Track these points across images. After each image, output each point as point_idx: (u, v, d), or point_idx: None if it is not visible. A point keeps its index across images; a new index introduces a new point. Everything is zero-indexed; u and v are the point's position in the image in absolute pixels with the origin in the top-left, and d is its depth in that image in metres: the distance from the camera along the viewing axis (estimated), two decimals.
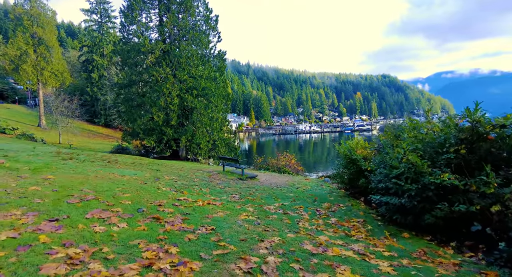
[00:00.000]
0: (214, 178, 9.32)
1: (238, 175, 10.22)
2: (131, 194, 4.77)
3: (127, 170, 8.01)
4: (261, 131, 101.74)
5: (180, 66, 19.77)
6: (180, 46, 19.91)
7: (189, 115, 20.39)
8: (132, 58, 19.88)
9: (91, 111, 49.48)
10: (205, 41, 20.69)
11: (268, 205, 5.81)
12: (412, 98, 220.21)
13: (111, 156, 12.03)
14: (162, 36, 20.11)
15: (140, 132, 19.38)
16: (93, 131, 46.34)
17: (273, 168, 13.04)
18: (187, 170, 10.49)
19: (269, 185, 9.13)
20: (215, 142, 20.45)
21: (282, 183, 9.61)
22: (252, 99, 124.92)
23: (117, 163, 9.46)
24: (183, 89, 19.75)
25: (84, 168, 6.97)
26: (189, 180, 8.26)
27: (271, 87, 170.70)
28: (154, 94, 19.54)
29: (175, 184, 6.96)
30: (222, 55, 21.28)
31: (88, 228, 2.97)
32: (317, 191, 8.42)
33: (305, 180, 11.03)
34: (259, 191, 7.73)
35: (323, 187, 9.29)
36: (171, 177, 8.02)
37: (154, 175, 7.90)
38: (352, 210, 5.87)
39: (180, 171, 10.03)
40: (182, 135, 19.13)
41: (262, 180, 10.15)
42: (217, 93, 20.10)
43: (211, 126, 19.91)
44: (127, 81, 20.28)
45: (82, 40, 50.14)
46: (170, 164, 12.51)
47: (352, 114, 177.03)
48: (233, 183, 8.68)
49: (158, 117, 18.72)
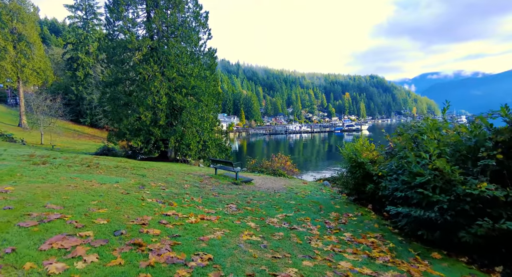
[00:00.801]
0: (206, 183, 8.52)
1: (232, 179, 9.46)
2: (109, 209, 3.95)
3: (109, 177, 7.13)
4: (251, 131, 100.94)
5: (168, 64, 18.83)
6: (169, 43, 18.97)
7: (178, 114, 19.47)
8: (118, 55, 18.83)
9: (76, 111, 47.67)
10: (195, 38, 19.81)
11: (270, 217, 5.07)
12: (399, 99, 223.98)
13: (93, 159, 11.02)
14: (149, 32, 19.11)
15: (126, 133, 18.34)
16: (78, 131, 44.63)
17: (268, 171, 12.26)
18: (177, 174, 9.62)
19: (266, 190, 8.42)
20: (206, 142, 19.60)
21: (280, 188, 8.93)
22: (242, 99, 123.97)
23: (98, 168, 8.56)
24: (172, 88, 18.81)
25: (57, 175, 6.05)
26: (179, 186, 7.44)
27: (261, 87, 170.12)
28: (141, 92, 18.54)
29: (162, 192, 6.13)
30: (212, 53, 20.43)
31: (39, 267, 2.17)
32: (318, 196, 7.77)
33: (302, 183, 10.36)
34: (256, 198, 7.00)
35: (323, 191, 8.64)
36: (158, 184, 7.19)
37: (139, 181, 7.05)
38: (364, 222, 5.20)
39: (169, 175, 9.17)
40: (170, 135, 18.19)
41: (257, 184, 9.44)
42: (207, 92, 19.25)
43: (201, 126, 19.04)
44: (113, 79, 19.19)
45: (66, 37, 48.12)
46: (157, 167, 11.61)
47: (341, 114, 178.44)
48: (227, 189, 7.92)
49: (145, 117, 17.74)
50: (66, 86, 46.63)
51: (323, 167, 27.55)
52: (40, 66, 35.42)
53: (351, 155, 6.52)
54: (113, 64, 19.07)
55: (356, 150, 6.60)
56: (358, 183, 6.53)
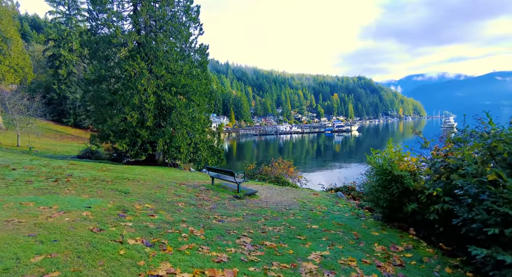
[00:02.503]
0: (204, 198, 7.38)
1: (233, 192, 8.31)
2: (63, 272, 2.58)
3: (79, 198, 5.68)
4: (241, 131, 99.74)
5: (157, 60, 17.63)
6: (157, 38, 17.74)
7: (167, 115, 18.27)
8: (101, 51, 17.49)
9: (59, 110, 45.49)
10: (185, 34, 18.65)
11: (302, 259, 3.79)
12: (386, 100, 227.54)
13: (68, 167, 9.58)
14: (136, 26, 17.83)
15: (110, 134, 17.01)
16: (61, 132, 42.52)
17: (270, 179, 11.13)
18: (167, 186, 8.42)
19: (276, 206, 7.30)
20: (197, 145, 18.46)
21: (291, 202, 7.86)
22: (231, 99, 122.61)
23: (69, 183, 7.14)
24: (161, 86, 17.61)
25: (2, 199, 4.76)
26: (172, 207, 6.23)
27: (251, 87, 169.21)
28: (127, 91, 17.28)
29: (150, 223, 4.79)
30: (204, 49, 19.31)
31: None
32: (338, 214, 6.72)
33: (313, 195, 9.26)
34: (270, 221, 5.80)
35: (340, 205, 7.62)
36: (144, 206, 5.83)
37: (120, 204, 5.67)
38: (424, 261, 4.02)
39: (158, 188, 8.00)
40: (159, 137, 16.99)
41: (263, 197, 8.32)
42: (198, 90, 18.13)
43: (192, 127, 17.88)
44: (96, 76, 17.81)
45: (47, 34, 45.77)
46: (144, 174, 10.42)
47: (329, 115, 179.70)
48: (230, 207, 6.79)
49: (131, 117, 16.48)
50: (47, 85, 44.36)
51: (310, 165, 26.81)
52: (18, 63, 33.38)
53: (385, 166, 5.35)
54: (96, 60, 17.71)
55: (391, 159, 5.46)
56: (393, 200, 5.41)
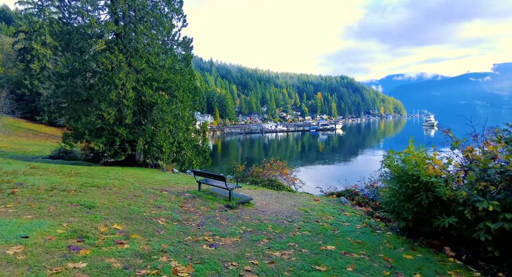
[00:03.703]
0: (190, 210, 6.27)
1: (223, 200, 7.26)
2: None
3: (18, 219, 4.14)
4: (226, 130, 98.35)
5: (136, 53, 16.40)
6: (137, 30, 16.48)
7: (148, 112, 17.08)
8: (75, 42, 16.05)
9: (31, 107, 42.65)
10: (168, 26, 17.49)
11: None
12: (368, 99, 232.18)
13: (24, 173, 7.91)
14: (113, 16, 16.50)
15: (85, 133, 15.65)
16: (33, 130, 39.85)
17: (263, 182, 10.10)
18: (146, 195, 7.14)
19: (276, 218, 6.30)
20: (180, 144, 17.38)
21: (291, 212, 6.97)
22: (216, 97, 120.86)
23: (13, 196, 5.51)
24: (141, 81, 16.39)
25: None
26: (149, 227, 4.81)
27: (235, 85, 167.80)
28: (104, 86, 15.95)
29: (115, 261, 3.19)
30: (188, 42, 18.19)
31: None
32: (348, 226, 5.86)
33: (314, 201, 8.32)
34: (274, 241, 4.67)
35: (347, 214, 6.78)
36: (112, 228, 4.29)
37: (77, 226, 4.08)
38: None
39: (134, 198, 6.66)
40: (139, 136, 15.80)
41: (258, 205, 7.32)
42: (182, 86, 17.04)
43: (175, 125, 16.77)
44: (70, 70, 16.36)
45: (18, 25, 42.73)
46: (121, 178, 9.30)
47: (313, 113, 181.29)
48: (223, 220, 5.71)
49: (108, 115, 15.20)
50: (18, 80, 41.45)
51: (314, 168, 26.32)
52: None
53: (410, 171, 4.42)
54: (69, 52, 16.25)
55: (416, 163, 4.51)
56: (420, 212, 4.55)
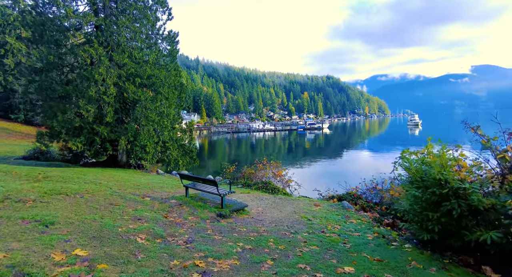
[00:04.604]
0: (176, 222, 5.32)
1: (215, 207, 6.38)
2: None
3: None
4: (213, 129, 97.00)
5: (118, 47, 15.37)
6: (119, 22, 15.44)
7: (131, 109, 16.09)
8: (49, 34, 14.86)
9: (5, 105, 40.28)
10: (152, 19, 16.53)
11: None
12: (353, 99, 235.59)
13: None
14: (93, 6, 15.39)
15: (62, 132, 14.52)
16: (8, 129, 37.60)
17: (257, 185, 9.26)
18: (124, 201, 6.19)
19: (276, 227, 5.56)
20: (166, 143, 16.47)
21: (292, 220, 6.26)
22: (202, 95, 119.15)
23: None
24: (123, 76, 15.37)
25: None
26: (123, 250, 3.74)
27: (222, 84, 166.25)
28: (82, 81, 14.87)
29: None
30: (173, 37, 17.28)
31: None
32: (357, 236, 5.17)
33: (314, 206, 7.53)
34: (280, 263, 3.89)
35: (353, 222, 6.15)
36: (72, 255, 3.25)
37: (20, 257, 3.04)
38: None
39: (109, 208, 5.60)
40: (121, 135, 14.80)
41: (254, 212, 6.56)
42: (167, 82, 16.14)
43: (160, 124, 15.85)
44: (44, 64, 15.17)
45: None
46: (98, 181, 8.38)
47: (300, 113, 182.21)
48: (216, 235, 4.78)
49: (87, 112, 14.13)
50: None
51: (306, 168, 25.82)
52: None
53: (436, 175, 3.66)
54: (44, 45, 15.04)
55: (442, 165, 3.75)
56: (449, 223, 3.89)
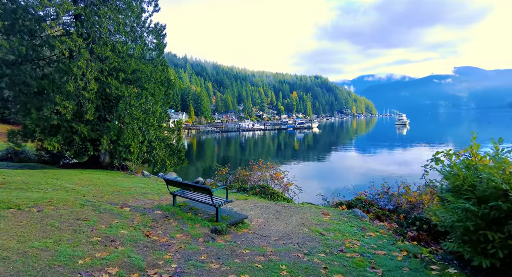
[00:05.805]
0: (160, 242, 4.26)
1: (208, 220, 5.27)
2: None
3: None
4: (202, 128, 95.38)
5: (100, 39, 14.21)
6: (100, 12, 14.27)
7: (114, 106, 14.95)
8: (21, 24, 13.57)
9: None
10: (137, 10, 15.43)
11: None
12: (341, 99, 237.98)
13: None
14: None
15: (36, 130, 13.28)
16: None
17: (254, 189, 8.23)
18: (97, 215, 5.09)
19: (284, 247, 4.49)
20: (152, 143, 15.41)
21: (301, 235, 5.17)
22: (191, 94, 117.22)
23: None
24: (105, 71, 14.24)
25: None
26: None
27: (211, 83, 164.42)
28: (59, 76, 13.68)
29: None
30: (160, 30, 16.21)
31: None
32: (384, 256, 4.30)
33: (322, 215, 6.51)
34: None
35: (371, 235, 5.32)
36: None
37: None
38: None
39: (76, 224, 4.59)
40: (103, 134, 13.67)
41: (256, 225, 5.54)
42: (153, 77, 15.08)
43: (145, 122, 14.77)
44: (16, 56, 13.87)
45: None
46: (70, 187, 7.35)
47: (289, 112, 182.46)
48: (213, 263, 3.75)
49: (65, 109, 12.94)
50: None
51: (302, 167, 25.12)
52: None
53: (498, 184, 2.91)
54: (15, 35, 13.71)
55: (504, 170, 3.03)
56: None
